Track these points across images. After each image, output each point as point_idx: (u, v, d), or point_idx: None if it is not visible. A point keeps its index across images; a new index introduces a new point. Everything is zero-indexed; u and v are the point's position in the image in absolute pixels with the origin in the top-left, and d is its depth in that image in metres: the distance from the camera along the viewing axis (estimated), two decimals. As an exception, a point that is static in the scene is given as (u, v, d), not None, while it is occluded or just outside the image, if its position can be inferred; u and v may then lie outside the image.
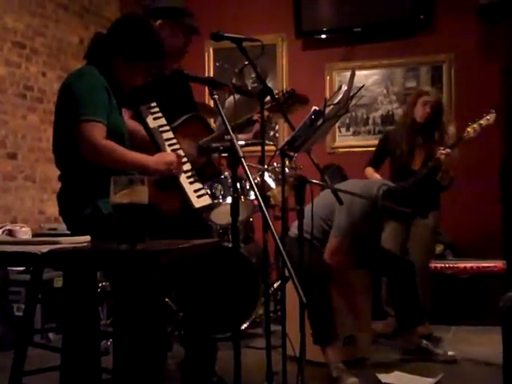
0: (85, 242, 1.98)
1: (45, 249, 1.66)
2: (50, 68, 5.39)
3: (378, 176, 4.37)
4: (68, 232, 2.57)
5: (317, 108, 2.71)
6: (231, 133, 2.31)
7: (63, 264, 1.75)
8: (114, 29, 2.60)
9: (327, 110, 2.71)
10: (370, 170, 4.45)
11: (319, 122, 2.70)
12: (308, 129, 2.74)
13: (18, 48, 5.06)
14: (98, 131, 2.36)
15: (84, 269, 1.94)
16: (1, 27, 4.88)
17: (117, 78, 2.55)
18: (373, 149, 4.58)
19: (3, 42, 4.90)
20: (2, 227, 4.68)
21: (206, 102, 5.44)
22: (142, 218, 1.74)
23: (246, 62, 2.74)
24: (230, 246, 4.11)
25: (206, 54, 6.32)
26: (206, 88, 5.15)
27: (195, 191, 2.78)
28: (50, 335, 4.23)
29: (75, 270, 2.03)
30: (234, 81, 5.35)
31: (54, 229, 5.02)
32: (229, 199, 4.31)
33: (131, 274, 1.77)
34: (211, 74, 6.29)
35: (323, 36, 6.06)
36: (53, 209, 5.30)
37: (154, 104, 2.83)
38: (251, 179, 2.21)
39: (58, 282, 4.33)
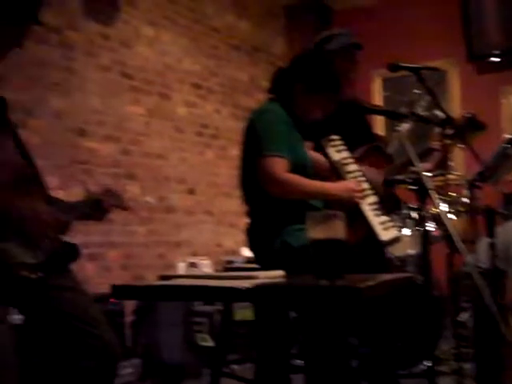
0: (279, 277, 1.99)
1: (247, 284, 1.68)
2: (223, 106, 5.61)
3: None
4: (251, 265, 2.62)
5: (509, 136, 2.56)
6: (417, 164, 2.24)
7: (264, 299, 1.75)
8: (295, 63, 2.66)
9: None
10: None
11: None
12: (500, 158, 2.59)
13: (196, 89, 5.32)
14: (278, 165, 2.40)
15: (282, 304, 1.95)
16: (180, 70, 5.17)
17: (297, 111, 2.58)
18: None
19: (182, 83, 5.18)
20: (185, 260, 4.89)
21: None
22: (340, 253, 1.72)
23: (417, 91, 2.66)
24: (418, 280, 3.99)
25: (374, 84, 6.26)
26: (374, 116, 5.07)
27: (381, 223, 2.72)
28: (234, 366, 4.31)
29: (272, 305, 2.04)
30: (404, 110, 5.24)
31: (232, 261, 5.16)
32: (405, 230, 4.20)
33: (331, 310, 1.74)
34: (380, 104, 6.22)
35: (497, 59, 5.79)
36: (230, 241, 5.47)
37: (335, 136, 2.83)
38: (441, 210, 2.12)
39: (239, 315, 4.40)
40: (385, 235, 2.70)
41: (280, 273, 2.02)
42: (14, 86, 3.82)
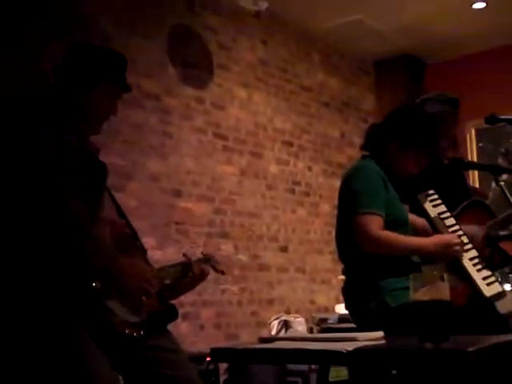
0: (379, 339, 1.94)
1: (348, 347, 1.65)
2: (315, 162, 5.63)
3: None
4: (351, 325, 2.56)
5: None
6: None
7: (366, 362, 1.71)
8: (390, 117, 2.64)
9: None
10: None
11: None
12: None
13: (287, 146, 5.38)
14: (374, 223, 2.37)
15: (383, 366, 1.89)
16: (271, 129, 5.25)
17: (392, 167, 2.56)
18: None
19: (274, 142, 5.26)
20: (278, 318, 4.86)
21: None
22: (445, 315, 1.66)
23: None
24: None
25: (468, 136, 6.14)
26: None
27: (484, 278, 2.61)
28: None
29: (373, 368, 1.99)
30: (500, 161, 5.10)
31: (325, 319, 5.08)
32: (507, 286, 4.03)
33: (436, 375, 1.68)
34: (474, 156, 6.09)
35: None
36: (322, 299, 5.40)
37: (431, 191, 2.77)
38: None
39: (332, 374, 4.30)
40: (488, 291, 2.59)
41: (379, 334, 1.97)
42: (112, 151, 3.99)
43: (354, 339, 1.83)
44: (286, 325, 4.77)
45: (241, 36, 5.09)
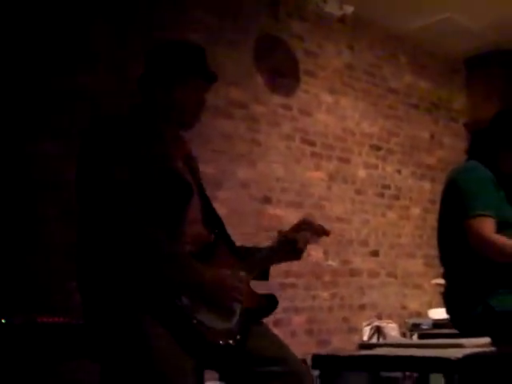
0: (486, 345, 1.89)
1: (456, 353, 1.61)
2: (404, 165, 5.54)
3: None
4: (453, 331, 2.50)
5: None
6: None
7: (474, 369, 1.67)
8: (495, 121, 2.58)
9: None
10: None
11: None
12: None
13: (375, 150, 5.32)
14: (488, 225, 2.33)
15: (493, 375, 1.84)
16: (359, 133, 5.21)
17: (503, 169, 2.49)
18: None
19: (362, 146, 5.22)
20: (370, 323, 4.80)
21: None
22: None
23: None
24: None
25: None
26: None
27: None
28: None
29: (482, 376, 1.94)
30: None
31: (419, 324, 4.98)
32: None
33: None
34: None
35: None
36: (415, 303, 5.31)
37: None
38: None
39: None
40: None
41: (486, 340, 1.92)
42: (202, 160, 4.04)
43: (459, 346, 1.80)
44: (378, 330, 4.71)
45: (327, 42, 5.07)
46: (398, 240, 5.37)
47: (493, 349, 1.80)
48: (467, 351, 1.66)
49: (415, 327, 4.95)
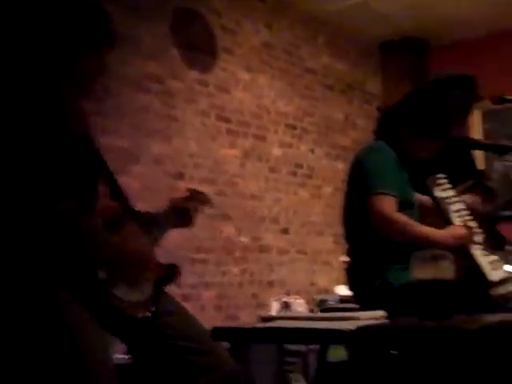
0: (381, 318, 1.97)
1: (351, 326, 1.67)
2: (318, 145, 5.64)
3: None
4: (354, 305, 2.59)
5: None
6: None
7: (367, 341, 1.74)
8: (402, 103, 2.65)
9: None
10: None
11: None
12: None
13: (291, 129, 5.39)
14: (389, 203, 2.39)
15: (385, 345, 1.92)
16: (275, 112, 5.26)
17: (403, 152, 2.57)
18: None
19: (277, 125, 5.27)
20: (278, 299, 4.90)
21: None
22: (447, 294, 1.69)
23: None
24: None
25: (473, 117, 6.12)
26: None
27: (490, 263, 2.64)
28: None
29: (375, 347, 2.02)
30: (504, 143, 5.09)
31: (326, 300, 5.12)
32: (508, 267, 4.05)
33: (437, 353, 1.71)
34: (479, 138, 6.08)
35: None
36: (323, 280, 5.44)
37: (441, 175, 2.79)
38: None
39: (332, 355, 4.34)
40: (494, 275, 2.62)
41: (381, 313, 2.00)
42: (116, 134, 4.01)
43: (355, 318, 1.87)
44: (286, 306, 4.81)
45: (245, 19, 5.08)
46: (309, 218, 5.48)
47: (386, 321, 1.88)
48: (361, 323, 1.73)
49: (323, 303, 5.08)
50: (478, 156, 5.42)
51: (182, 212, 2.27)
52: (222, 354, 2.00)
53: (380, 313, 2.01)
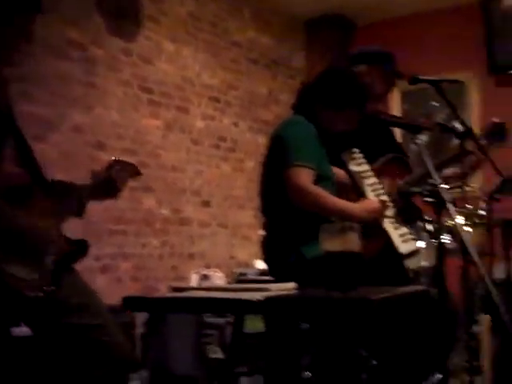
0: (292, 289, 2.00)
1: (260, 296, 1.70)
2: (241, 119, 5.65)
3: None
4: (269, 278, 2.63)
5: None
6: (436, 176, 2.25)
7: (276, 311, 1.77)
8: (319, 79, 2.69)
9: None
10: None
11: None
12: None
13: (214, 102, 5.37)
14: (306, 176, 2.42)
15: (294, 316, 1.96)
16: (199, 84, 5.23)
17: (320, 126, 2.61)
18: None
19: (201, 97, 5.24)
20: (198, 272, 4.92)
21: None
22: (354, 265, 1.73)
23: (435, 103, 2.66)
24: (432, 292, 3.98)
25: (393, 97, 6.27)
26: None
27: (401, 236, 2.73)
28: (241, 379, 4.31)
29: (284, 317, 2.07)
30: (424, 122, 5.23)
31: (245, 274, 5.18)
32: (420, 242, 4.20)
33: (343, 322, 1.76)
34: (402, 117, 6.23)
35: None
36: (243, 254, 5.49)
37: (356, 150, 2.85)
38: (457, 223, 2.12)
39: (249, 326, 4.41)
40: (404, 248, 2.71)
41: (292, 285, 2.04)
42: (36, 100, 3.90)
43: (266, 290, 1.89)
44: (205, 279, 4.84)
45: (171, -12, 5.01)
46: (231, 192, 5.50)
47: (294, 292, 1.91)
48: (271, 294, 1.76)
49: (242, 276, 5.14)
50: (398, 133, 5.56)
51: (108, 183, 2.21)
52: (113, 329, 2.01)
53: (291, 284, 2.04)
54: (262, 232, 2.72)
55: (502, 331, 1.79)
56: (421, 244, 4.14)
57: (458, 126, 2.85)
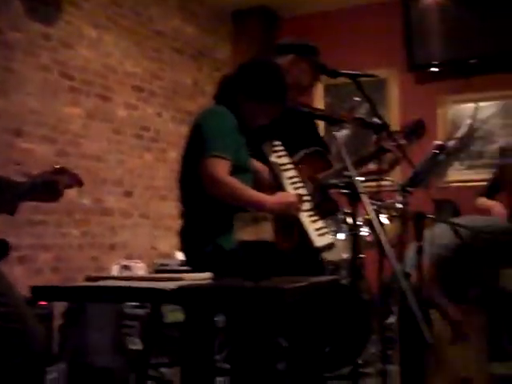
0: (207, 279, 2.00)
1: (172, 285, 1.69)
2: (165, 109, 5.60)
3: (492, 202, 4.22)
4: (185, 268, 2.62)
5: (439, 142, 2.65)
6: (351, 169, 2.29)
7: (190, 300, 1.77)
8: (240, 71, 2.68)
9: (450, 144, 2.64)
10: (482, 200, 4.31)
11: (441, 157, 2.64)
12: (430, 164, 2.67)
13: (137, 91, 5.30)
14: (222, 166, 2.41)
15: (209, 305, 1.96)
16: (121, 72, 5.14)
17: (241, 117, 2.61)
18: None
19: (123, 86, 5.15)
20: (119, 262, 4.85)
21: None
22: (267, 255, 1.75)
23: (357, 98, 2.71)
24: (343, 282, 4.07)
25: (317, 91, 6.36)
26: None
27: (316, 230, 2.76)
28: (162, 370, 4.28)
29: (199, 307, 2.06)
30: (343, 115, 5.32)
31: (166, 264, 5.14)
32: (340, 235, 4.28)
33: (255, 312, 1.77)
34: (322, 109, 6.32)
35: (436, 69, 5.98)
36: (165, 245, 5.45)
37: (277, 142, 2.86)
38: (373, 216, 2.17)
39: (171, 317, 4.40)
40: (319, 241, 2.74)
41: (208, 275, 2.04)
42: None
43: (180, 279, 1.88)
44: (126, 269, 4.78)
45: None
46: (153, 182, 5.45)
47: (209, 282, 1.92)
48: (184, 284, 1.76)
49: (163, 267, 5.10)
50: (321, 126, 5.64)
51: (49, 186, 2.18)
52: (29, 320, 1.99)
53: (207, 274, 2.05)
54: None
55: (411, 321, 1.83)
56: (341, 236, 4.24)
57: (376, 121, 2.91)
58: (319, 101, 6.39)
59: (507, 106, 5.82)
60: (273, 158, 2.83)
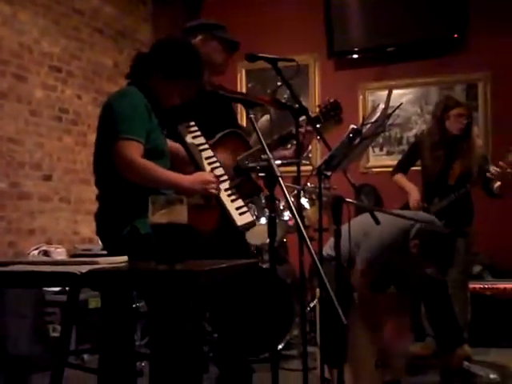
0: (122, 262, 1.97)
1: (84, 269, 1.65)
2: (84, 91, 5.45)
3: (409, 184, 4.35)
4: (104, 252, 2.57)
5: (354, 126, 2.68)
6: (268, 152, 2.28)
7: (102, 284, 1.73)
8: (155, 48, 2.64)
9: (365, 128, 2.68)
10: (399, 177, 4.44)
11: (357, 141, 2.68)
12: (345, 148, 2.71)
13: (55, 71, 5.13)
14: (134, 149, 2.38)
15: (122, 289, 1.93)
16: (38, 52, 4.96)
17: (155, 97, 2.56)
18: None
19: (40, 66, 4.98)
20: (38, 248, 4.72)
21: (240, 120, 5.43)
22: (181, 237, 1.72)
23: (279, 83, 2.70)
24: (265, 266, 4.10)
25: (239, 76, 6.35)
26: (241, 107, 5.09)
27: (237, 209, 2.76)
28: (85, 356, 4.22)
29: (113, 291, 2.02)
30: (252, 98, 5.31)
31: (89, 249, 5.04)
32: (263, 219, 4.30)
33: (170, 295, 1.75)
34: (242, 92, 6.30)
35: (355, 56, 6.07)
36: (87, 230, 5.34)
37: (192, 123, 2.84)
38: (290, 199, 2.17)
39: (93, 303, 4.34)
40: (240, 220, 2.75)
41: (123, 258, 2.00)
42: None
43: (94, 263, 1.84)
44: (46, 255, 4.66)
45: None
46: (73, 166, 5.31)
47: (122, 265, 1.88)
48: (94, 267, 1.72)
49: (85, 252, 5.00)
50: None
51: None
52: None
53: (122, 258, 2.01)
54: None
55: (328, 304, 1.85)
56: (263, 221, 4.26)
57: (294, 105, 2.91)
58: (242, 85, 6.38)
59: (424, 93, 5.97)
60: (189, 139, 2.81)
